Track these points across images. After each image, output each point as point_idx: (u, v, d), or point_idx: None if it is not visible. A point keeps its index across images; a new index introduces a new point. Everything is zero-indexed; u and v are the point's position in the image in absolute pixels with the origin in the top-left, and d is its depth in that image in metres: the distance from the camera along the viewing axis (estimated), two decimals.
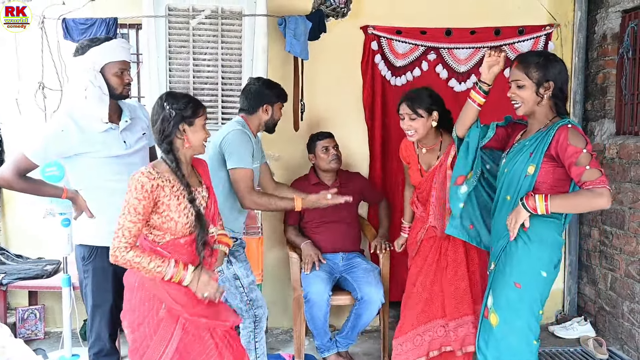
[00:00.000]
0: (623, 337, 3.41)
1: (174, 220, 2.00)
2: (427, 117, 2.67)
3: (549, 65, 2.19)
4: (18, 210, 3.70)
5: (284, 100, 2.88)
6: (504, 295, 2.25)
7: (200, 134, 2.07)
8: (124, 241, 1.95)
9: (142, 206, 1.94)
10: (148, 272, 1.96)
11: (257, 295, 2.76)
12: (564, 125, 2.14)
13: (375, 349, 3.50)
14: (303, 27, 3.46)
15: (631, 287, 3.32)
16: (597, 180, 2.05)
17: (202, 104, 2.12)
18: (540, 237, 2.20)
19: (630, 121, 3.46)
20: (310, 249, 3.26)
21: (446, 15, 3.76)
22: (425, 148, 2.78)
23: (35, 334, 3.60)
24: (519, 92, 2.23)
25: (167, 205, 1.98)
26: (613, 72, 3.58)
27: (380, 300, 3.11)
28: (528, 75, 2.20)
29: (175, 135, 2.03)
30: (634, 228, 3.27)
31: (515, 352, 2.24)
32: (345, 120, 3.77)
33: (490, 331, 2.29)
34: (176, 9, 3.32)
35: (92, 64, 2.33)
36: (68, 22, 3.40)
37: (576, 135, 2.11)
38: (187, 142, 2.04)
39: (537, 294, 2.23)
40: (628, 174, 3.33)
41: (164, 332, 2.02)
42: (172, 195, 1.99)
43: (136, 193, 1.94)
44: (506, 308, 2.24)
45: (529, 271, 2.21)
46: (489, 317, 2.29)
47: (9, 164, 2.33)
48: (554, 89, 2.19)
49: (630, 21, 3.43)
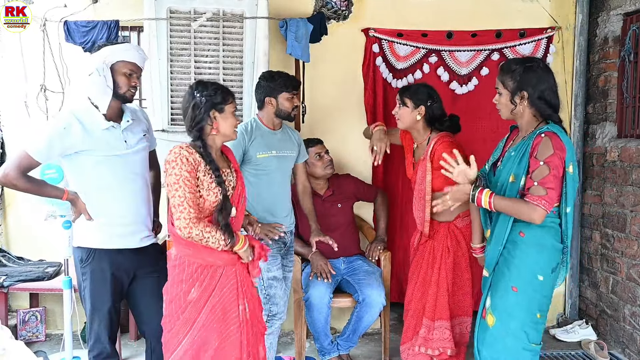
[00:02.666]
0: (624, 341, 3.40)
1: (204, 197, 2.09)
2: (412, 109, 2.76)
3: (524, 75, 2.19)
4: (19, 212, 3.71)
5: (288, 89, 2.88)
6: (501, 298, 2.26)
7: (230, 120, 2.17)
8: (192, 213, 2.04)
9: (192, 177, 2.05)
10: (216, 242, 2.08)
11: (276, 293, 2.87)
12: (539, 134, 2.16)
13: (376, 352, 3.49)
14: (304, 30, 3.46)
15: (632, 291, 3.31)
16: (535, 197, 2.10)
17: (231, 91, 2.21)
18: (538, 242, 2.22)
19: (632, 124, 3.45)
20: (320, 259, 3.22)
21: (447, 17, 3.76)
22: (417, 143, 2.86)
23: (36, 336, 3.60)
24: (499, 99, 2.29)
25: (202, 180, 2.09)
26: (614, 75, 3.58)
27: (381, 303, 3.11)
28: (504, 84, 2.25)
29: (206, 122, 2.13)
30: (636, 231, 3.27)
31: (511, 353, 2.26)
32: (346, 123, 3.77)
33: (487, 331, 2.31)
34: (178, 11, 3.33)
35: (103, 58, 2.36)
36: (70, 24, 3.41)
37: (545, 146, 2.12)
38: (217, 129, 2.15)
39: (534, 298, 2.23)
40: (629, 177, 3.32)
41: (189, 315, 2.13)
42: (206, 172, 2.10)
43: (183, 165, 2.04)
44: (503, 310, 2.26)
45: (525, 275, 2.23)
46: (486, 318, 2.31)
47: (12, 162, 2.32)
48: (531, 97, 2.19)
49: (631, 24, 3.43)
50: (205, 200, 2.10)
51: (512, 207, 2.17)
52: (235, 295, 2.19)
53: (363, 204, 3.69)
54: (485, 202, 2.19)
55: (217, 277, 2.17)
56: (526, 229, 2.22)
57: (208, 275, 2.16)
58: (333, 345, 3.25)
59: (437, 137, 2.75)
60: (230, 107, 2.18)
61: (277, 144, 2.93)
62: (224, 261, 2.17)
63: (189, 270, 2.15)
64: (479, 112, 3.72)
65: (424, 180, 2.75)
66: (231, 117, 2.18)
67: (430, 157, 2.71)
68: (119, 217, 2.41)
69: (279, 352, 3.48)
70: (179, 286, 2.16)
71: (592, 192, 3.76)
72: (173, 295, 2.18)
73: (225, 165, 2.26)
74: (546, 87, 2.20)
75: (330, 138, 3.73)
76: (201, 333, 2.14)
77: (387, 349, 3.31)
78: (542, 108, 2.20)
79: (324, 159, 3.35)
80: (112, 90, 2.38)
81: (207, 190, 2.10)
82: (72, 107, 2.44)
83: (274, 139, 2.93)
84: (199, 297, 2.14)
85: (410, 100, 2.77)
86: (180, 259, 2.16)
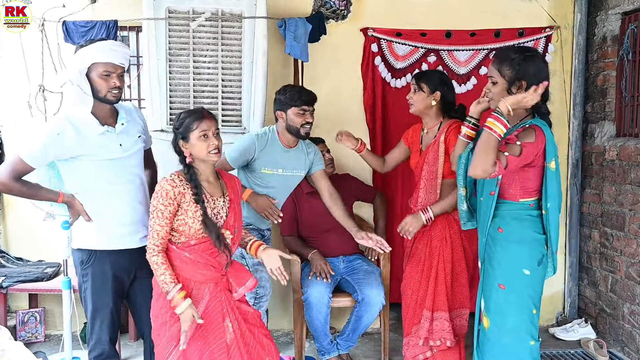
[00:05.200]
0: (624, 339, 3.41)
1: (188, 225, 2.16)
2: (428, 94, 2.79)
3: (523, 64, 2.13)
4: (18, 213, 3.70)
5: (297, 104, 2.83)
6: (491, 297, 2.25)
7: (199, 145, 2.19)
8: (152, 242, 2.16)
9: (168, 211, 2.14)
10: (159, 280, 2.14)
11: (262, 276, 2.88)
12: (524, 127, 2.14)
13: (376, 351, 3.49)
14: (303, 29, 3.46)
15: (631, 289, 3.32)
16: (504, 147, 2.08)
17: (201, 116, 2.20)
18: (517, 236, 2.21)
19: (631, 123, 3.46)
20: (319, 259, 3.21)
21: (446, 17, 3.76)
22: (427, 129, 2.88)
23: (36, 337, 3.60)
24: (492, 88, 2.21)
25: (186, 210, 2.16)
26: (613, 74, 3.59)
27: (381, 302, 3.11)
28: (501, 73, 2.17)
29: (181, 153, 2.23)
30: (634, 230, 3.27)
31: (511, 353, 2.23)
32: (345, 123, 3.75)
33: (484, 334, 2.30)
34: (176, 11, 3.33)
35: (79, 63, 2.32)
36: (68, 24, 3.40)
37: (528, 133, 2.11)
38: (189, 156, 2.21)
39: (524, 293, 2.21)
40: (628, 175, 3.33)
41: (174, 331, 2.14)
42: (191, 202, 2.16)
43: (162, 199, 2.14)
44: (495, 311, 2.24)
45: (510, 271, 2.21)
46: (483, 321, 2.30)
47: (6, 167, 2.31)
48: (529, 87, 2.10)
49: (630, 23, 3.44)
50: (191, 227, 2.16)
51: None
52: (221, 313, 2.20)
53: (363, 204, 3.68)
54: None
55: (202, 293, 2.19)
56: (504, 225, 2.20)
57: (191, 290, 2.17)
58: (333, 344, 3.24)
59: (449, 123, 2.80)
60: (195, 133, 2.18)
61: (285, 162, 2.92)
62: (206, 277, 2.19)
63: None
64: None
65: (436, 162, 2.79)
66: (199, 142, 2.19)
67: (445, 141, 2.75)
68: (118, 218, 2.41)
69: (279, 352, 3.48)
70: (163, 301, 2.16)
71: (591, 191, 3.77)
72: (157, 310, 2.20)
73: (219, 192, 2.28)
74: (544, 78, 2.15)
75: (329, 138, 3.73)
76: (185, 351, 2.14)
77: (387, 349, 3.31)
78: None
79: (324, 158, 3.34)
80: (91, 97, 2.34)
81: (191, 218, 2.16)
82: (67, 112, 2.41)
83: (284, 156, 2.91)
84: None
85: (427, 86, 2.78)
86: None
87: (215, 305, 2.21)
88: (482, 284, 2.32)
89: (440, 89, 2.79)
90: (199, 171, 2.23)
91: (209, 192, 2.24)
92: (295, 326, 3.27)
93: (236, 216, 2.30)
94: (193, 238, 2.18)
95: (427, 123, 2.88)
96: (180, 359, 2.14)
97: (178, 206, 2.15)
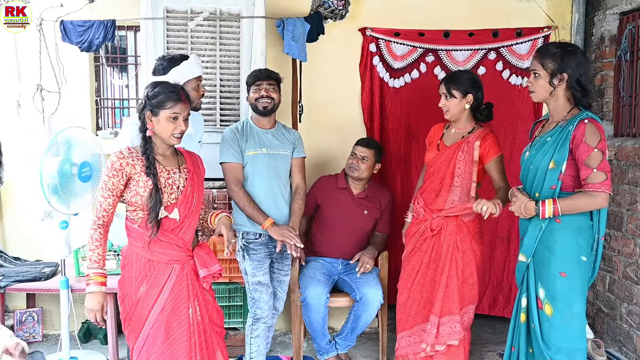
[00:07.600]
0: (621, 339, 3.41)
1: (139, 194, 2.13)
2: (461, 99, 2.76)
3: (565, 57, 2.25)
4: (16, 212, 3.70)
5: (251, 81, 2.92)
6: (555, 286, 2.29)
7: (164, 125, 2.15)
8: (95, 214, 2.16)
9: (112, 182, 2.12)
10: (87, 255, 2.17)
11: (261, 297, 2.85)
12: (582, 120, 2.20)
13: (374, 351, 3.49)
14: (301, 29, 3.46)
15: (629, 289, 3.32)
16: (598, 184, 2.16)
17: (179, 98, 2.16)
18: (574, 225, 2.27)
19: (628, 123, 3.46)
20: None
21: (444, 17, 3.76)
22: (455, 129, 2.85)
23: (33, 337, 3.59)
24: (535, 81, 2.32)
25: (137, 181, 2.13)
26: (611, 75, 3.59)
27: (379, 301, 3.11)
28: (543, 66, 2.28)
29: (142, 118, 2.17)
30: (632, 230, 3.28)
31: (576, 336, 2.30)
32: (343, 122, 3.77)
33: (548, 321, 2.31)
34: (174, 11, 3.33)
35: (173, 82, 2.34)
36: (66, 24, 3.40)
37: (592, 132, 2.18)
38: (151, 130, 2.16)
39: (585, 279, 2.30)
40: (626, 175, 3.33)
41: (141, 310, 2.15)
42: (142, 172, 2.13)
43: (107, 170, 2.14)
44: (560, 298, 2.28)
45: (571, 259, 2.27)
46: (544, 308, 2.33)
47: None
48: (569, 80, 2.25)
49: (627, 23, 3.44)
50: (142, 197, 2.12)
51: (575, 204, 2.22)
52: (186, 298, 2.19)
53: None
54: (550, 212, 2.22)
55: (166, 275, 2.17)
56: (561, 216, 2.24)
57: (155, 271, 2.16)
58: (331, 344, 3.25)
59: (484, 132, 2.76)
60: (167, 113, 2.12)
61: (267, 142, 2.92)
62: (171, 257, 2.18)
63: (136, 265, 2.16)
64: None
65: (470, 165, 2.74)
66: (167, 122, 2.13)
67: (480, 147, 2.72)
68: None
69: (277, 352, 3.48)
70: (129, 283, 2.17)
71: None
72: (124, 292, 2.18)
73: (175, 164, 2.23)
74: (584, 72, 2.27)
75: (327, 137, 3.74)
76: (151, 333, 2.14)
77: (385, 349, 3.31)
78: (577, 92, 2.26)
79: (354, 159, 3.27)
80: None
81: (142, 187, 2.12)
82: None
83: (265, 137, 2.93)
84: (148, 293, 2.15)
85: (458, 90, 2.75)
86: (129, 257, 2.18)
87: (181, 289, 2.19)
88: (536, 274, 2.36)
89: (472, 91, 2.75)
90: (156, 146, 2.18)
91: (164, 164, 2.19)
92: (293, 326, 3.27)
93: (195, 187, 2.25)
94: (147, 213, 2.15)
95: (457, 125, 2.84)
96: (145, 345, 2.15)
97: (129, 179, 2.12)
